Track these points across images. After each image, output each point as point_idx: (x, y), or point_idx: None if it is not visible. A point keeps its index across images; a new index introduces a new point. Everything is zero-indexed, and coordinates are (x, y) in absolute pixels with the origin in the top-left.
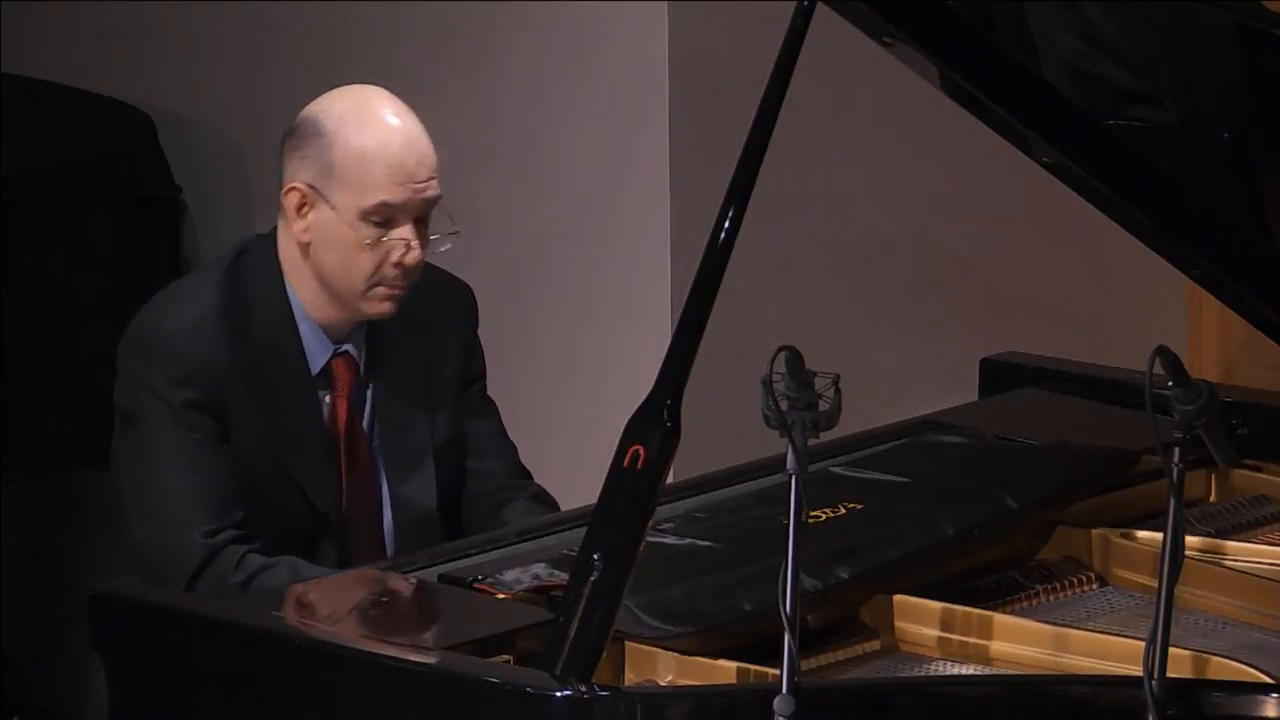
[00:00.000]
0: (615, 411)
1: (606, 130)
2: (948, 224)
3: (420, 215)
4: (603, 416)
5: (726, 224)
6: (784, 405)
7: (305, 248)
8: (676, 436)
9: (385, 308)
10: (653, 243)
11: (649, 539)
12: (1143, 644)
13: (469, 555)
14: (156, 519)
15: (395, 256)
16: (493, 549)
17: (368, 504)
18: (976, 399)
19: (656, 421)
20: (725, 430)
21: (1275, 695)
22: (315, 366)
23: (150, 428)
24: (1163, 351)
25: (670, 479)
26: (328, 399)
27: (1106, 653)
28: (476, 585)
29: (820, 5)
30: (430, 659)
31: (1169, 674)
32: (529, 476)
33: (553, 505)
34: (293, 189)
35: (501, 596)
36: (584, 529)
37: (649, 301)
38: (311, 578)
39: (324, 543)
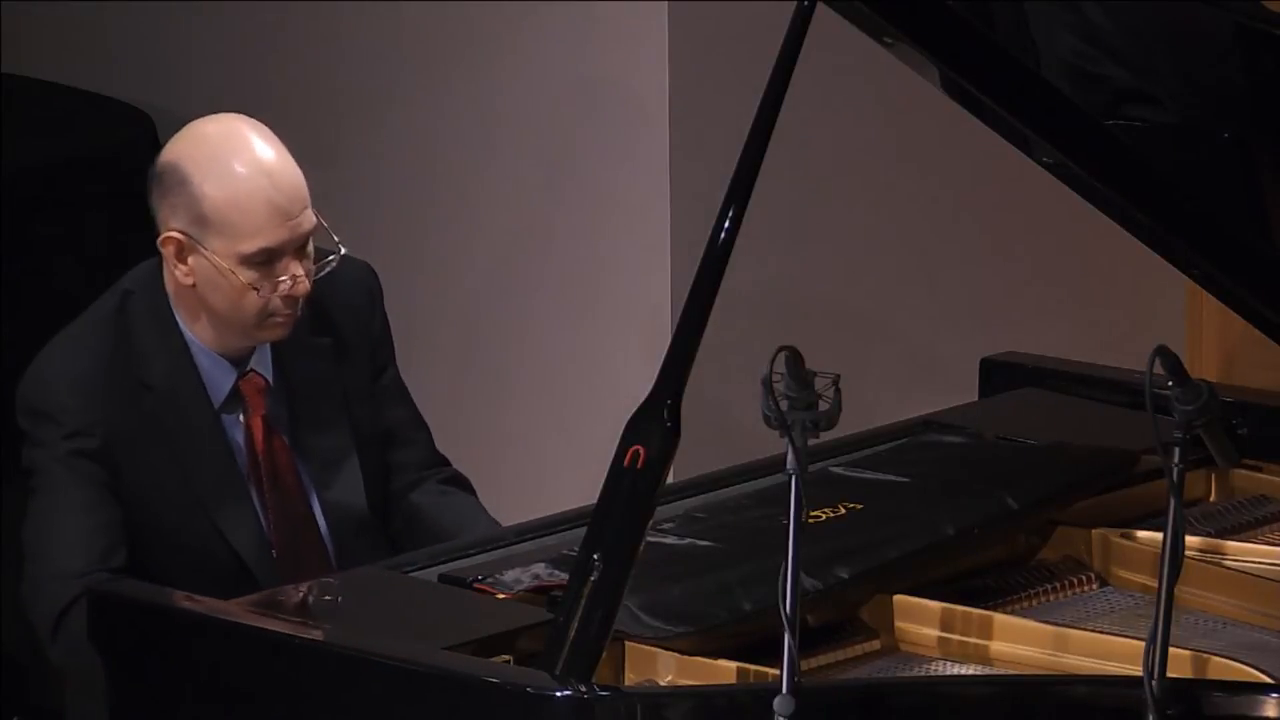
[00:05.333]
0: (615, 412)
1: (606, 130)
2: (948, 223)
3: (300, 247)
4: (603, 417)
5: (726, 224)
6: (784, 405)
7: (192, 289)
8: (676, 436)
9: (280, 333)
10: (653, 243)
11: (649, 539)
12: (1143, 644)
13: (469, 555)
14: (34, 559)
15: (283, 291)
16: (493, 549)
17: (299, 518)
18: (976, 399)
19: (656, 421)
20: (725, 430)
21: (1275, 695)
22: (222, 394)
23: (40, 479)
24: (1163, 351)
25: (670, 479)
26: (241, 420)
27: (1106, 653)
28: (476, 585)
29: (820, 5)
30: (430, 659)
31: (1169, 674)
32: (445, 463)
33: (466, 487)
34: (169, 238)
35: (501, 596)
36: (584, 529)
37: (649, 302)
38: None
39: (256, 573)
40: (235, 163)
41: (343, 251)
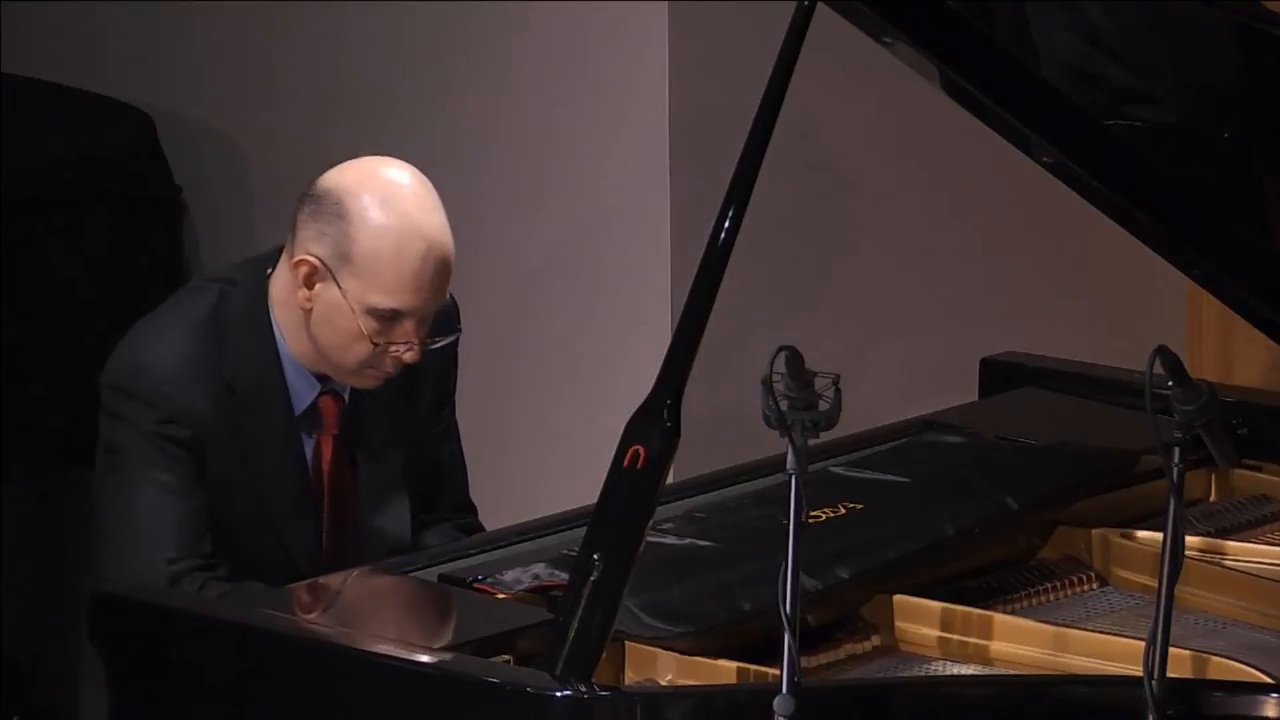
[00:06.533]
0: (616, 413)
1: (606, 132)
2: (948, 223)
3: (427, 317)
4: (604, 418)
5: (726, 224)
6: (784, 405)
7: (306, 314)
8: (676, 436)
9: (371, 385)
10: (653, 244)
11: (649, 539)
12: (1143, 644)
13: (469, 555)
14: (124, 545)
15: (394, 351)
16: (493, 549)
17: (353, 540)
18: (976, 399)
19: (656, 421)
20: (725, 430)
21: (1275, 695)
22: (301, 406)
23: (129, 459)
24: (1163, 351)
25: (670, 479)
26: (315, 437)
27: (1106, 653)
28: (476, 585)
29: (820, 5)
30: (430, 659)
31: (1169, 674)
32: (473, 510)
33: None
34: (304, 261)
35: (501, 596)
36: (584, 529)
37: (649, 303)
38: None
39: None
40: (398, 217)
41: (461, 330)
